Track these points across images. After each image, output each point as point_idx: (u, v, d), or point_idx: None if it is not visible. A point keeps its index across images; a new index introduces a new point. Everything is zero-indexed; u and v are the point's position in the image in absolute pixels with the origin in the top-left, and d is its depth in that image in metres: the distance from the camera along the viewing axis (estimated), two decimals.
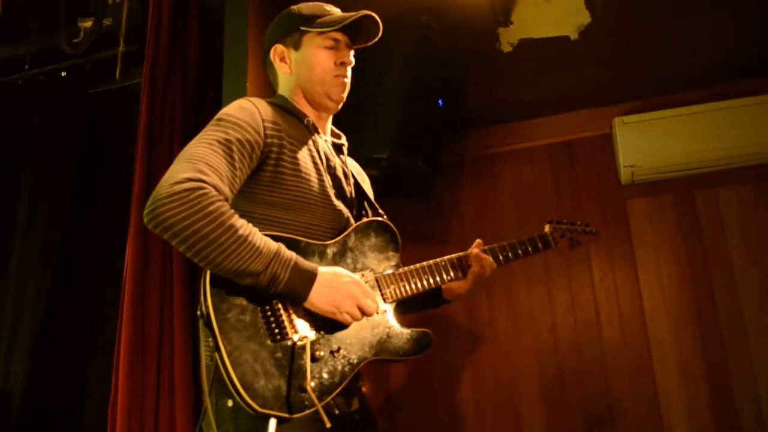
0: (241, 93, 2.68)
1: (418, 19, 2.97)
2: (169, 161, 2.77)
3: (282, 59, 1.83)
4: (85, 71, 3.33)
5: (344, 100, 1.87)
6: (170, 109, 2.94)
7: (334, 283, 1.56)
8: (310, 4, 1.85)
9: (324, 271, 1.56)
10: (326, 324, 1.58)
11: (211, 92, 3.00)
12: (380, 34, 1.85)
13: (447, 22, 3.07)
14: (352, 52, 1.86)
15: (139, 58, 3.10)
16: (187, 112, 2.94)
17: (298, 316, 1.55)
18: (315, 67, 1.79)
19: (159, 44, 2.99)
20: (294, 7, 1.84)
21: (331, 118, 1.91)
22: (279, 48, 1.84)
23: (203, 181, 1.44)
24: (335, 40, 1.80)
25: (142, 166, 2.83)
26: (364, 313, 1.60)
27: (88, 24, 3.27)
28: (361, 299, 1.59)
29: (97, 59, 3.30)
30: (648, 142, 3.36)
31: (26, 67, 3.43)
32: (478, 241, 2.00)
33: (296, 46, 1.81)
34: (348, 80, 1.84)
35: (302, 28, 1.79)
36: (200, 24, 3.11)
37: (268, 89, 2.86)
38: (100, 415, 2.66)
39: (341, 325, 1.60)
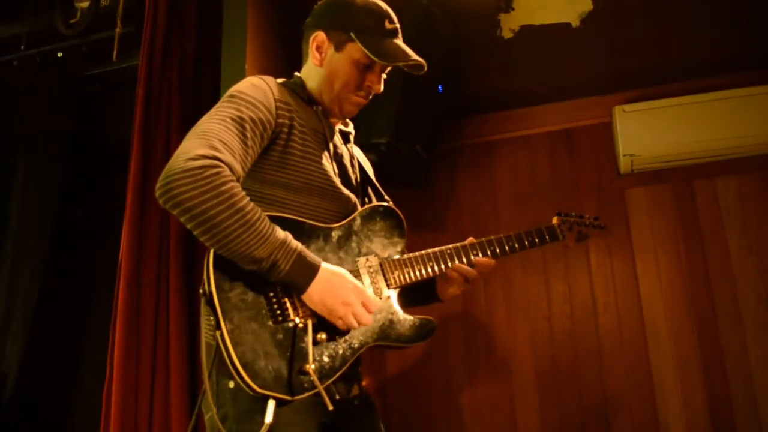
0: (240, 76, 2.65)
1: (420, 3, 2.94)
2: (166, 144, 2.80)
3: (318, 49, 1.76)
4: (81, 52, 3.30)
5: (353, 115, 1.84)
6: (167, 91, 2.91)
7: (335, 285, 1.53)
8: (375, 9, 1.75)
9: (327, 268, 1.53)
10: None
11: (209, 75, 2.96)
12: (424, 71, 1.78)
13: (448, 7, 3.04)
14: (384, 76, 1.80)
15: (136, 39, 3.06)
16: (185, 96, 2.91)
17: (301, 299, 1.53)
18: (340, 78, 1.73)
19: (157, 26, 2.96)
20: (356, 3, 1.74)
21: None
22: (321, 37, 1.75)
23: (217, 158, 1.42)
24: (374, 62, 1.72)
25: (139, 149, 2.80)
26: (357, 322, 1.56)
27: (85, 4, 3.24)
28: (357, 308, 1.55)
29: (93, 40, 3.27)
30: (648, 132, 3.34)
31: (22, 47, 3.40)
32: (470, 239, 1.96)
33: (338, 47, 1.73)
34: (365, 101, 1.79)
35: (353, 35, 1.70)
36: (199, 5, 3.08)
37: (266, 73, 2.84)
38: (95, 398, 2.66)
39: None
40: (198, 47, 3.02)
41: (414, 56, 1.74)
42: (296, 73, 1.84)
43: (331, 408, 1.46)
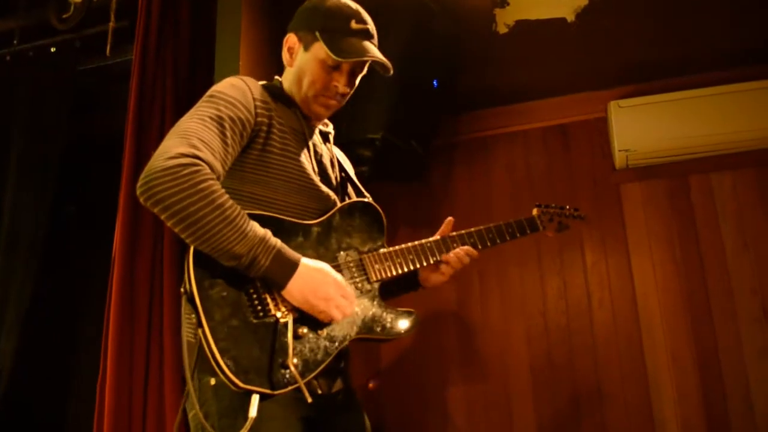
0: (234, 71, 2.65)
1: None
2: (160, 139, 2.74)
3: (290, 50, 1.79)
4: (74, 47, 3.29)
5: (325, 117, 1.84)
6: (161, 87, 2.90)
7: (316, 279, 1.54)
8: (343, 9, 1.76)
9: (307, 263, 1.54)
10: None
11: (204, 69, 2.95)
12: (390, 73, 1.78)
13: (444, 2, 3.04)
14: (359, 77, 1.80)
15: (129, 34, 3.06)
16: (178, 90, 2.90)
17: (281, 294, 1.54)
18: (307, 77, 1.74)
19: (150, 20, 2.95)
20: (325, 5, 1.76)
21: None
22: (292, 38, 1.79)
23: (197, 156, 1.43)
24: (339, 61, 1.73)
25: (132, 144, 2.79)
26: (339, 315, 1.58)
27: None
28: (338, 302, 1.56)
29: (87, 35, 3.26)
30: (643, 127, 3.34)
31: (15, 42, 3.39)
32: (449, 219, 1.99)
33: (306, 47, 1.75)
34: (335, 102, 1.78)
35: (317, 34, 1.72)
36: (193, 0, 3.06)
37: (260, 68, 2.84)
38: (89, 394, 2.66)
39: None
40: (192, 41, 3.01)
41: (372, 53, 1.73)
42: (276, 77, 1.86)
43: (310, 401, 1.47)
